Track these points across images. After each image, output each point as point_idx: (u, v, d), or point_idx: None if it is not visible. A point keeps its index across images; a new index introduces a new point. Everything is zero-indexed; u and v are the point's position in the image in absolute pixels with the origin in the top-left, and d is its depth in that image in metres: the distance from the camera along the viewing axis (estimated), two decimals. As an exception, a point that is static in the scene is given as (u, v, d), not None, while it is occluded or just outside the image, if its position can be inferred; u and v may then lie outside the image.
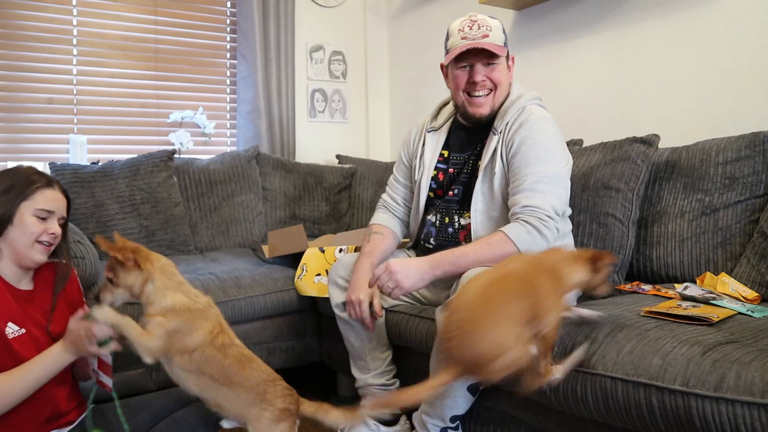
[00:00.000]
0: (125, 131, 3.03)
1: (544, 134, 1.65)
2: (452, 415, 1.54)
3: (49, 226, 1.39)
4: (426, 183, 1.84)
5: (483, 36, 1.67)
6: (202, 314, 1.35)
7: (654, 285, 1.75)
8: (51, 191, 1.41)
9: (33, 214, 1.37)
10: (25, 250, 1.36)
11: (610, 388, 1.19)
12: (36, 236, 1.37)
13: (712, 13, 2.08)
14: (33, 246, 1.37)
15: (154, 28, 3.08)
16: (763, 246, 1.62)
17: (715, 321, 1.29)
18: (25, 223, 1.36)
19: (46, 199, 1.39)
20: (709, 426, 1.04)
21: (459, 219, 1.77)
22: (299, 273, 2.27)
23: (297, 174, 3.07)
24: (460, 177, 1.79)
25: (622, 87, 2.37)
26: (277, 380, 1.39)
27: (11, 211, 1.35)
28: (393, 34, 3.65)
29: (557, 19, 2.61)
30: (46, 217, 1.39)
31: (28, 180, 1.39)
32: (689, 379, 1.08)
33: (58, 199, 1.42)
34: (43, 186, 1.40)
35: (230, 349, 1.37)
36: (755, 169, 1.73)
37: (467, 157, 1.80)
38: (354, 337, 1.84)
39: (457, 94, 1.76)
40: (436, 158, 1.85)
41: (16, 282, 1.39)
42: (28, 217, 1.36)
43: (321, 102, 3.50)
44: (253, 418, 1.35)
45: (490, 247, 1.54)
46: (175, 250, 2.64)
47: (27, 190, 1.37)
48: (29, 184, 1.38)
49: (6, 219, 1.35)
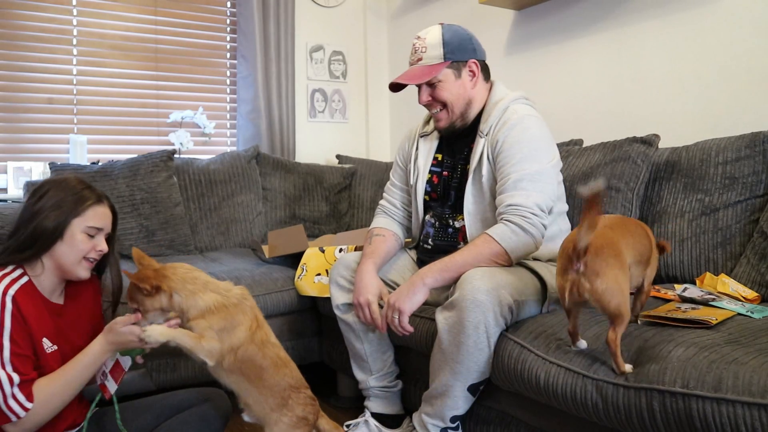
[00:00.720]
0: (125, 131, 3.03)
1: (527, 132, 1.65)
2: (452, 416, 1.54)
3: (97, 243, 1.38)
4: (422, 186, 1.85)
5: (417, 60, 1.74)
6: (238, 309, 1.33)
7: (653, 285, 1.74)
8: (102, 208, 1.39)
9: (83, 231, 1.35)
10: (71, 267, 1.35)
11: (611, 394, 1.18)
12: (84, 253, 1.35)
13: (712, 13, 2.08)
14: (80, 263, 1.35)
15: (154, 28, 3.08)
16: (763, 246, 1.62)
17: (714, 323, 1.28)
18: (75, 239, 1.34)
19: (98, 216, 1.37)
20: (710, 427, 1.04)
21: (453, 222, 1.79)
22: (299, 273, 2.27)
23: (297, 174, 3.07)
24: (452, 182, 1.81)
25: (622, 87, 2.37)
26: (303, 388, 1.39)
27: (63, 227, 1.33)
28: (393, 34, 3.65)
29: (557, 19, 2.61)
30: (95, 234, 1.37)
31: (80, 196, 1.36)
32: (689, 381, 1.08)
33: (107, 216, 1.41)
34: (95, 203, 1.38)
35: (267, 348, 1.36)
36: (755, 169, 1.73)
37: (457, 161, 1.82)
38: (355, 338, 1.84)
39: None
40: (430, 162, 1.87)
41: (50, 295, 1.37)
42: (79, 234, 1.34)
43: (321, 102, 3.50)
44: (272, 422, 1.35)
45: (476, 248, 1.57)
46: (175, 250, 2.64)
47: (80, 207, 1.35)
48: (82, 201, 1.36)
49: (57, 234, 1.32)
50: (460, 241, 1.76)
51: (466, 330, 1.43)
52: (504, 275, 1.49)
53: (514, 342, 1.43)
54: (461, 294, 1.44)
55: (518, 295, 1.49)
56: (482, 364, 1.46)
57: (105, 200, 1.41)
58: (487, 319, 1.42)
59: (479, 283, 1.43)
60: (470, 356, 1.45)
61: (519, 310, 1.49)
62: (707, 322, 1.28)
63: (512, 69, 2.80)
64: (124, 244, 2.52)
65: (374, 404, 1.85)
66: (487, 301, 1.41)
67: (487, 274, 1.46)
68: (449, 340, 1.47)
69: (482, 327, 1.42)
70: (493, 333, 1.44)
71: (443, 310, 1.50)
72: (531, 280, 1.57)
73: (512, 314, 1.47)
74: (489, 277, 1.45)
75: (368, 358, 1.84)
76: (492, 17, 2.87)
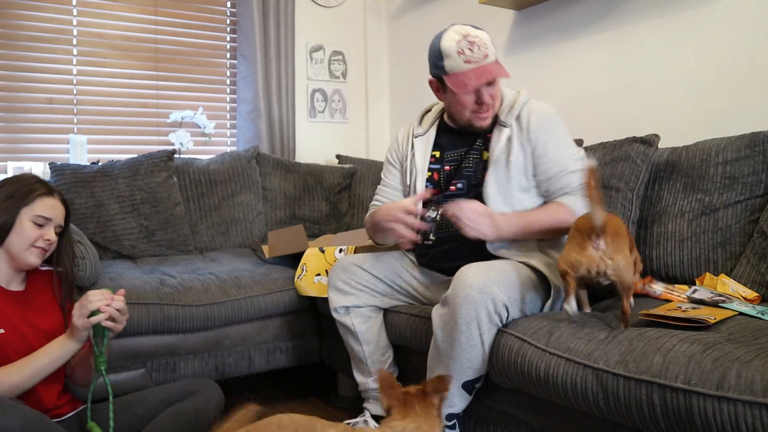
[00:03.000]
0: (125, 131, 3.03)
1: (560, 124, 1.78)
2: (447, 413, 1.54)
3: (45, 233, 1.44)
4: (421, 184, 1.85)
5: (484, 56, 1.69)
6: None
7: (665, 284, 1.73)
8: (51, 199, 1.47)
9: (31, 219, 1.43)
10: (20, 254, 1.42)
11: (612, 384, 1.19)
12: (32, 241, 1.43)
13: (711, 13, 2.08)
14: (28, 249, 1.43)
15: (154, 28, 3.08)
16: (763, 246, 1.62)
17: (712, 323, 1.28)
18: (23, 227, 1.42)
19: (45, 207, 1.45)
20: (710, 425, 1.04)
21: None
22: (299, 273, 2.27)
23: (297, 174, 3.07)
24: (462, 171, 1.80)
25: (622, 87, 2.38)
26: None
27: (13, 217, 1.42)
28: (393, 34, 3.65)
29: (557, 19, 2.61)
30: (44, 224, 1.45)
31: (30, 188, 1.45)
32: (691, 377, 1.08)
33: (56, 208, 1.48)
34: (44, 194, 1.46)
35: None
36: (755, 168, 1.73)
37: (465, 152, 1.82)
38: (354, 341, 1.84)
39: (462, 113, 1.78)
40: (428, 160, 1.87)
41: (7, 283, 1.45)
42: (26, 222, 1.42)
43: (321, 102, 3.50)
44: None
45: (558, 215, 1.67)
46: (175, 250, 2.64)
47: (28, 197, 1.43)
48: (31, 192, 1.44)
49: (9, 225, 1.41)
50: None
51: (458, 326, 1.44)
52: (499, 272, 1.49)
53: (514, 336, 1.43)
54: (454, 291, 1.46)
55: (514, 293, 1.49)
56: (476, 360, 1.46)
57: (56, 194, 1.49)
58: (479, 315, 1.42)
59: (472, 279, 1.44)
60: (463, 352, 1.45)
61: (516, 308, 1.49)
62: (705, 322, 1.28)
63: (512, 69, 2.79)
64: (124, 244, 2.52)
65: (374, 406, 1.85)
66: (479, 298, 1.42)
67: (481, 271, 1.46)
68: (443, 336, 1.49)
69: (474, 323, 1.43)
70: (486, 330, 1.45)
71: (438, 307, 1.52)
72: (529, 278, 1.57)
73: (508, 311, 1.47)
74: (482, 274, 1.45)
75: (367, 360, 1.84)
76: (492, 17, 2.87)
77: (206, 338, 2.12)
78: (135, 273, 2.22)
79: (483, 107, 1.74)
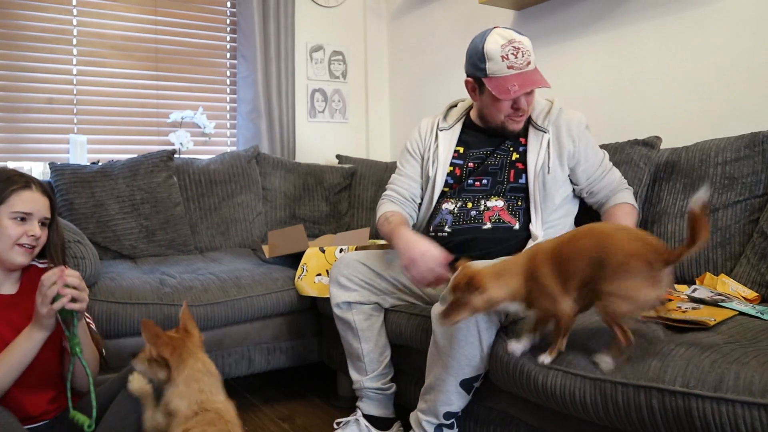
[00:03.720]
0: (125, 131, 3.03)
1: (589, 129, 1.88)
2: (446, 412, 1.54)
3: (28, 229, 1.36)
4: (441, 178, 1.87)
5: (527, 63, 1.71)
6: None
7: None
8: (28, 193, 1.37)
9: (9, 217, 1.34)
10: (5, 254, 1.34)
11: (610, 392, 1.18)
12: (14, 239, 1.34)
13: (711, 13, 2.08)
14: (12, 249, 1.34)
15: (154, 28, 3.08)
16: (762, 246, 1.62)
17: (712, 324, 1.28)
18: (2, 226, 1.33)
19: (23, 201, 1.36)
20: (710, 426, 1.04)
21: (485, 202, 1.79)
22: (299, 273, 2.27)
23: (297, 174, 3.07)
24: (488, 168, 1.83)
25: (622, 87, 2.37)
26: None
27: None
28: (393, 34, 3.65)
29: (557, 19, 2.61)
30: (25, 219, 1.36)
31: (5, 182, 1.36)
32: (689, 380, 1.08)
33: (37, 200, 1.38)
34: (21, 188, 1.36)
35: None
36: (754, 169, 1.73)
37: (491, 152, 1.85)
38: (353, 337, 1.84)
39: (496, 115, 1.80)
40: (451, 155, 1.89)
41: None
42: (5, 221, 1.34)
43: (321, 102, 3.50)
44: None
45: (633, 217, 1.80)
46: (175, 250, 2.64)
47: (3, 193, 1.34)
48: (5, 188, 1.35)
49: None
50: (485, 221, 1.77)
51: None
52: None
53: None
54: None
55: None
56: (473, 358, 1.47)
57: (35, 185, 1.39)
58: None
59: None
60: (461, 350, 1.46)
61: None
62: (705, 324, 1.28)
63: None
64: (124, 244, 2.52)
65: (366, 405, 1.85)
66: None
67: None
68: (441, 333, 1.49)
69: (472, 320, 1.43)
70: (485, 328, 1.45)
71: (439, 305, 1.52)
72: None
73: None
74: None
75: (365, 357, 1.84)
76: (492, 17, 2.86)
77: (206, 338, 2.09)
78: (135, 273, 2.22)
79: (519, 112, 1.77)
